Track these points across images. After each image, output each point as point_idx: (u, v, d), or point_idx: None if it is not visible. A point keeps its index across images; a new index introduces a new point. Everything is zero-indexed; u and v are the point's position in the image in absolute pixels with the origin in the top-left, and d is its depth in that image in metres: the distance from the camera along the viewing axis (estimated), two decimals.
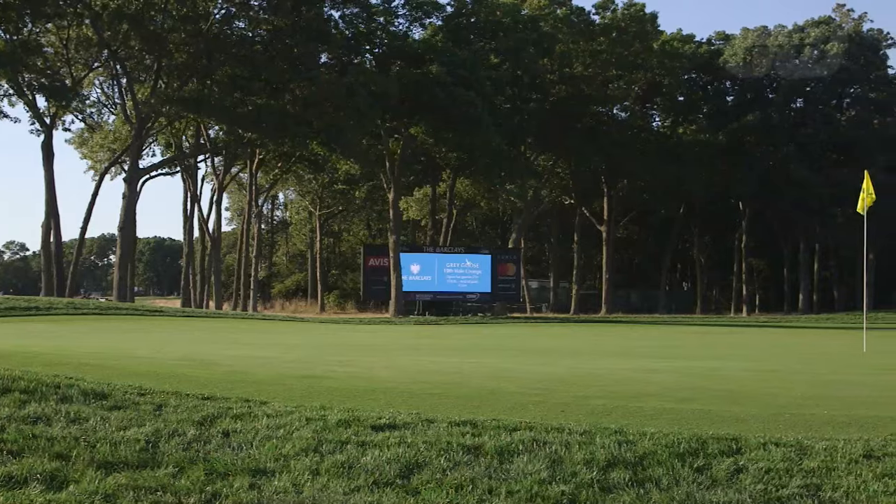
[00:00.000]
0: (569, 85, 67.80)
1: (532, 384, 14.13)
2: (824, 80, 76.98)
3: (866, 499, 6.77)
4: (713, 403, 11.98)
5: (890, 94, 79.03)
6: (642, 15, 68.93)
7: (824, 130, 74.78)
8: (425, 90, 54.58)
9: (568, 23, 67.58)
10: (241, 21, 58.12)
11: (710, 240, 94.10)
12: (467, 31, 62.68)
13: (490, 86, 58.94)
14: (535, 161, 73.76)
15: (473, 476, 6.98)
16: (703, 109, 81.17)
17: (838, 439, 8.40)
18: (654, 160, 70.07)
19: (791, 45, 78.37)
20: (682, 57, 74.72)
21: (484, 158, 60.45)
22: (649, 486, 6.91)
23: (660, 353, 27.06)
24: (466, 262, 61.84)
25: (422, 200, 79.06)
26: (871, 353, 27.43)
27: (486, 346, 30.05)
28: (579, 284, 78.69)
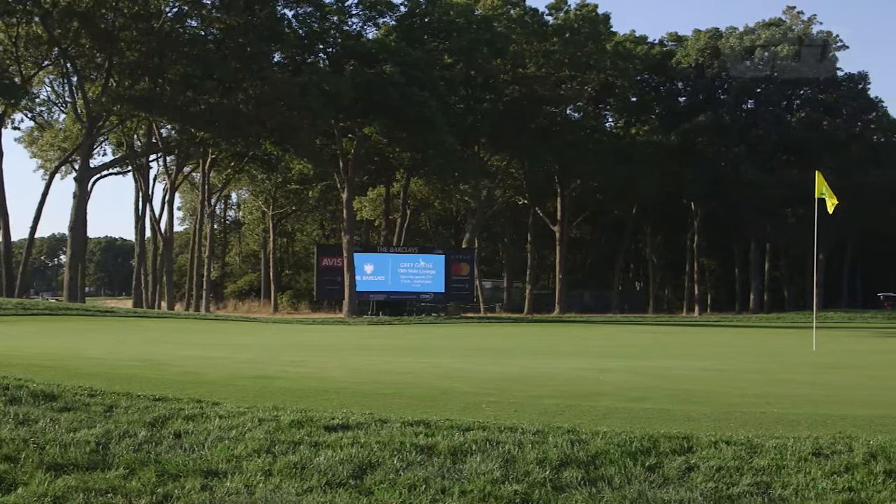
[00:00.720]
0: (522, 85, 67.92)
1: (485, 384, 14.15)
2: (774, 81, 77.68)
3: (815, 496, 6.83)
4: (665, 402, 12.06)
5: (839, 95, 79.89)
6: (595, 16, 69.16)
7: (775, 131, 75.44)
8: (379, 90, 54.48)
9: (521, 23, 67.67)
10: (193, 19, 57.71)
11: (662, 240, 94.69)
12: (421, 31, 62.62)
13: (443, 86, 58.91)
14: (488, 161, 73.83)
15: (427, 476, 6.97)
16: (655, 110, 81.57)
17: (788, 437, 8.47)
18: (607, 160, 70.33)
19: (742, 47, 79.02)
20: (635, 58, 75.09)
21: (437, 158, 60.44)
22: (601, 485, 6.93)
23: (613, 352, 27.20)
24: (420, 262, 61.84)
25: (375, 200, 78.94)
26: (821, 352, 27.73)
27: (439, 346, 30.05)
28: (533, 284, 78.86)
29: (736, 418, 10.47)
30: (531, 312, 72.53)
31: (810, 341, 30.79)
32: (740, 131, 77.09)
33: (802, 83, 79.40)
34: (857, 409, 11.72)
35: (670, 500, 6.68)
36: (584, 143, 72.06)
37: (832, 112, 78.20)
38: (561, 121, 73.82)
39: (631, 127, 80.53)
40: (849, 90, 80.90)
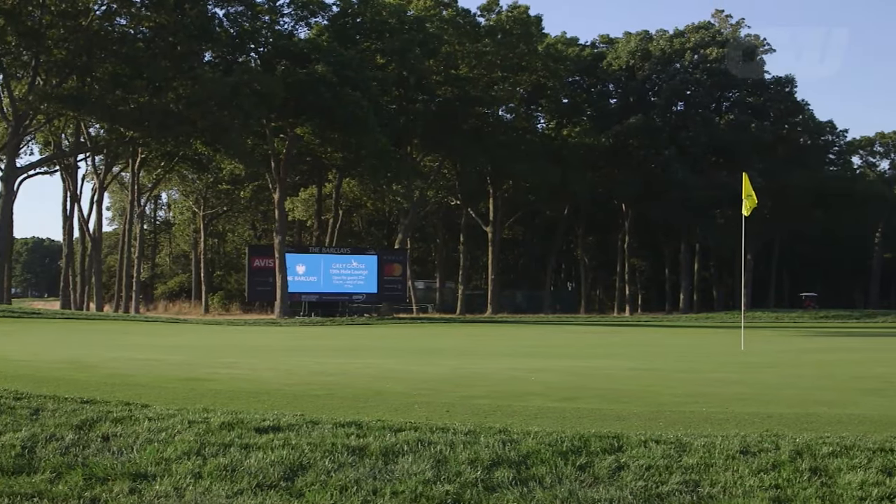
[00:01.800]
0: (454, 86, 67.98)
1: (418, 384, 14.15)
2: (703, 84, 78.56)
3: (742, 494, 6.91)
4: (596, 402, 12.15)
5: (766, 98, 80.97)
6: (526, 17, 69.39)
7: (704, 133, 76.27)
8: (311, 90, 54.25)
9: (453, 24, 67.75)
10: (122, 18, 56.95)
11: (594, 240, 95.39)
12: (353, 31, 62.44)
13: (376, 86, 58.81)
14: (421, 162, 73.84)
15: (358, 477, 6.96)
16: (586, 112, 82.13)
17: (716, 436, 8.58)
18: (539, 161, 70.62)
19: (672, 50, 79.85)
20: (566, 59, 75.51)
21: (370, 159, 60.28)
22: (533, 485, 6.96)
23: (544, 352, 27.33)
24: (352, 263, 61.70)
25: (308, 201, 78.63)
26: (749, 351, 28.11)
27: (372, 346, 30.02)
28: (465, 285, 79.00)
29: (665, 417, 10.58)
30: (463, 313, 72.65)
31: (738, 341, 31.21)
32: (670, 133, 77.85)
33: (731, 86, 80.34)
34: (784, 407, 11.89)
35: (601, 499, 6.73)
36: (516, 144, 72.27)
37: (760, 115, 79.21)
38: (493, 122, 73.99)
39: (563, 128, 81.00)
40: (776, 93, 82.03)
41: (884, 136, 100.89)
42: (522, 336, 41.28)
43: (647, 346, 33.53)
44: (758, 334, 43.03)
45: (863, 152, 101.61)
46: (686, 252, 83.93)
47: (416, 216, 74.15)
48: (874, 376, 18.31)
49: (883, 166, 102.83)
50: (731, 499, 6.83)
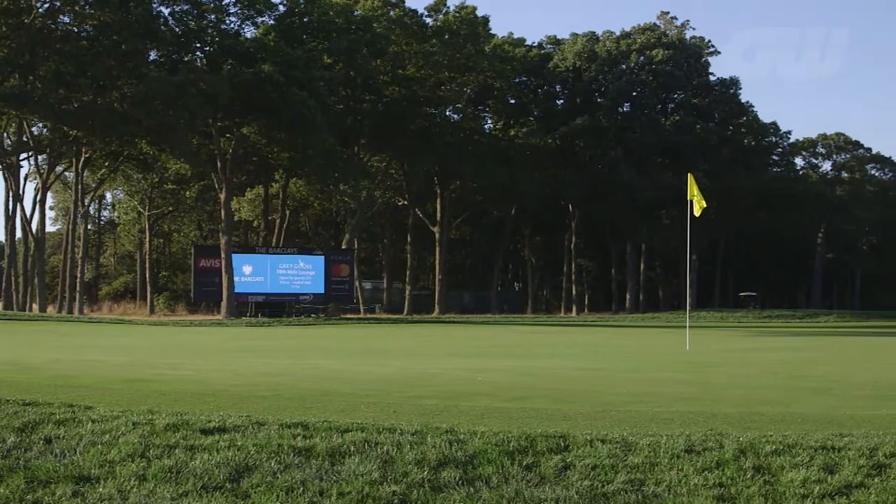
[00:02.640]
0: (402, 86, 67.88)
1: (364, 385, 14.15)
2: (649, 85, 79.07)
3: (687, 492, 6.97)
4: (542, 402, 12.20)
5: (711, 100, 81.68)
6: (474, 18, 69.48)
7: (650, 135, 76.73)
8: (257, 90, 53.94)
9: (400, 24, 67.69)
10: (66, 15, 56.36)
11: (541, 241, 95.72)
12: (300, 30, 62.16)
13: (323, 86, 58.59)
14: (368, 162, 73.69)
15: (304, 478, 6.94)
16: (534, 112, 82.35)
17: (661, 435, 8.63)
18: (486, 162, 70.71)
19: (618, 51, 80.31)
20: (514, 60, 75.72)
21: (317, 159, 60.05)
22: (479, 485, 6.98)
23: (491, 352, 27.41)
24: (299, 263, 61.48)
25: (254, 201, 78.24)
26: (694, 351, 28.37)
27: (318, 347, 29.95)
28: (412, 285, 78.99)
29: (611, 417, 10.65)
30: (411, 313, 72.60)
31: (684, 340, 31.47)
32: (617, 134, 78.28)
33: (676, 87, 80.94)
34: (728, 406, 12.00)
35: (547, 499, 6.75)
36: (463, 144, 72.30)
37: (705, 116, 79.86)
38: (440, 122, 73.95)
39: (510, 129, 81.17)
40: (720, 95, 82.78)
41: (826, 138, 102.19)
42: (469, 336, 41.35)
43: (594, 345, 33.72)
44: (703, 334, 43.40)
45: (805, 153, 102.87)
46: (632, 252, 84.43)
47: (363, 216, 74.02)
48: (816, 375, 18.54)
49: (825, 167, 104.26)
50: (675, 497, 6.89)
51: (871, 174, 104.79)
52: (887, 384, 16.43)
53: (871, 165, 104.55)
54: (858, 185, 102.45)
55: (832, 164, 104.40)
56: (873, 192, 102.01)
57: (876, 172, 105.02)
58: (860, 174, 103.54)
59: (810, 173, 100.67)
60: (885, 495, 6.99)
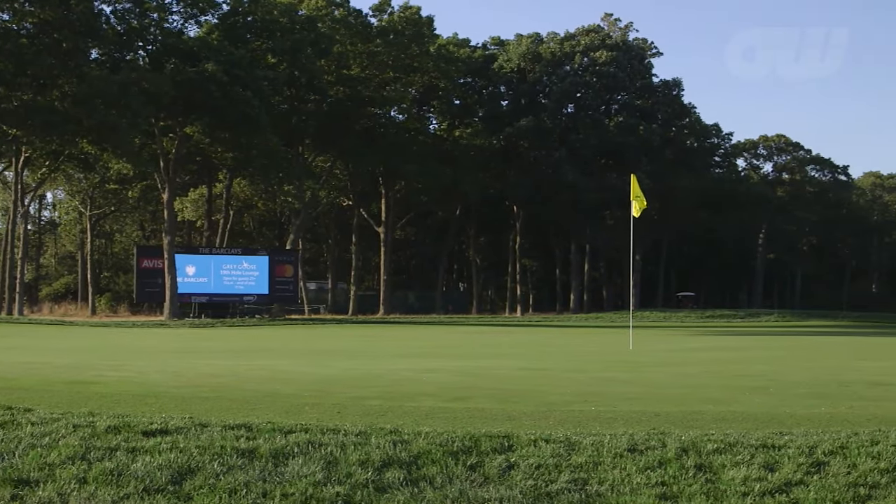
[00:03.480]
0: (346, 86, 67.77)
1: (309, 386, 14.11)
2: (593, 87, 79.48)
3: (630, 491, 7.01)
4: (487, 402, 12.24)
5: (654, 101, 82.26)
6: (418, 18, 69.53)
7: (593, 136, 77.09)
8: (201, 89, 53.59)
9: (345, 24, 67.56)
10: (5, 13, 55.60)
11: (485, 241, 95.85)
12: (244, 29, 61.84)
13: (267, 86, 58.37)
14: (312, 162, 73.47)
15: (247, 480, 6.90)
16: (478, 113, 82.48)
17: (605, 434, 8.68)
18: (431, 162, 70.76)
19: (562, 53, 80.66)
20: (458, 61, 75.80)
21: (261, 159, 59.81)
22: (423, 485, 6.98)
23: (436, 352, 27.43)
24: (243, 264, 61.17)
25: (197, 201, 77.64)
26: (637, 350, 28.57)
27: (262, 348, 29.82)
28: (357, 285, 78.82)
29: (555, 416, 10.69)
30: (356, 313, 72.46)
31: (627, 340, 31.67)
32: (561, 135, 78.58)
33: (620, 89, 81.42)
34: (671, 405, 12.10)
35: (491, 499, 6.77)
36: (408, 144, 72.28)
37: (648, 117, 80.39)
38: (385, 122, 73.92)
39: (454, 129, 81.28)
40: (663, 96, 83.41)
41: (767, 139, 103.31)
42: (414, 336, 41.36)
43: (538, 345, 33.85)
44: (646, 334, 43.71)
45: (747, 155, 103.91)
46: (576, 252, 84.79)
47: (307, 217, 73.73)
48: (757, 374, 18.75)
49: (766, 169, 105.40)
50: (618, 496, 6.93)
51: (811, 175, 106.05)
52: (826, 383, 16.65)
53: (810, 167, 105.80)
54: (799, 186, 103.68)
55: (773, 166, 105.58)
56: (813, 193, 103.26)
57: (815, 174, 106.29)
58: (800, 175, 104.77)
59: (752, 174, 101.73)
60: (823, 492, 7.08)
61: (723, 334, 48.61)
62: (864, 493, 7.11)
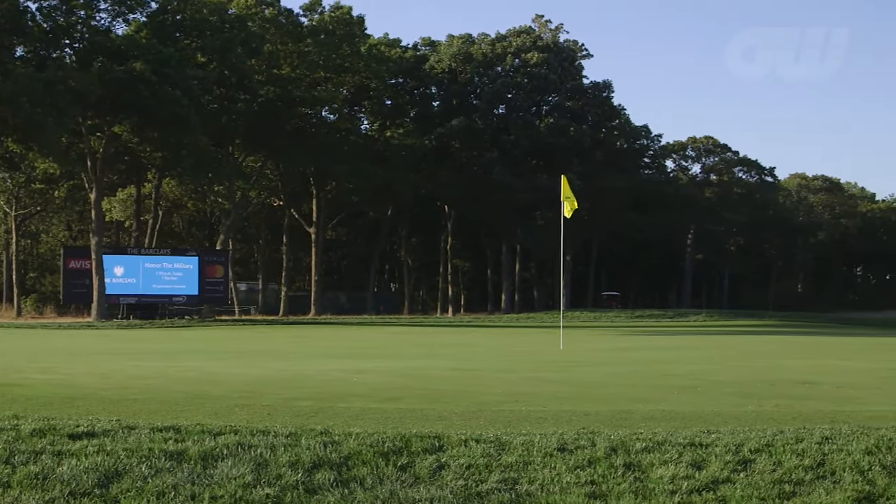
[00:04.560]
0: (277, 86, 67.36)
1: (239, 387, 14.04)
2: (524, 88, 79.78)
3: (560, 490, 7.06)
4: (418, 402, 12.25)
5: (584, 103, 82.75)
6: (349, 18, 69.37)
7: (525, 137, 77.33)
8: (129, 88, 52.98)
9: (275, 23, 67.21)
10: None
11: (417, 241, 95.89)
12: (173, 28, 61.23)
13: (197, 85, 57.86)
14: (243, 162, 72.99)
15: (176, 482, 6.84)
16: (410, 113, 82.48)
17: (535, 434, 8.74)
18: (363, 163, 70.57)
19: (494, 54, 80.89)
20: (389, 61, 75.74)
21: (190, 159, 59.30)
22: (354, 486, 6.97)
23: (367, 353, 27.40)
24: (172, 264, 60.61)
25: (126, 201, 76.76)
26: (568, 350, 28.74)
27: (192, 349, 29.57)
28: (288, 286, 78.42)
29: (486, 416, 10.74)
30: (286, 314, 72.09)
31: (558, 340, 31.84)
32: (492, 136, 78.76)
33: (550, 90, 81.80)
34: (601, 405, 12.20)
35: (421, 499, 6.78)
36: (339, 144, 72.02)
37: (578, 118, 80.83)
38: (316, 122, 73.58)
39: (386, 129, 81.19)
40: (594, 97, 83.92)
41: (695, 141, 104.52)
42: (345, 337, 41.29)
43: (469, 346, 33.93)
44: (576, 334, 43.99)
45: (676, 156, 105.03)
46: (508, 253, 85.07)
47: (238, 217, 73.24)
48: (685, 373, 18.97)
49: (695, 170, 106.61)
50: (548, 496, 6.97)
51: (739, 177, 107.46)
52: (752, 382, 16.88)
53: (738, 168, 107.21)
54: (726, 188, 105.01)
55: (701, 167, 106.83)
56: (740, 195, 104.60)
57: (743, 175, 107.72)
58: (728, 177, 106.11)
59: (680, 176, 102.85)
60: (749, 489, 7.18)
61: (652, 334, 49.10)
62: (790, 489, 7.22)
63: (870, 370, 20.90)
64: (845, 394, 14.77)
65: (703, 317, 73.54)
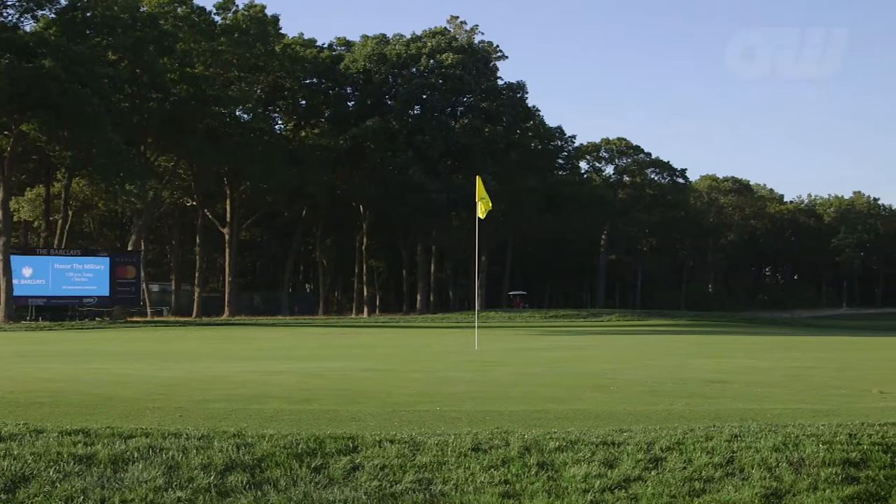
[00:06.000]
0: (190, 85, 66.63)
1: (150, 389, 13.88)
2: (439, 88, 79.89)
3: (474, 490, 7.08)
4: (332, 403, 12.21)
5: (499, 104, 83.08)
6: (263, 17, 68.91)
7: (440, 137, 77.43)
8: (38, 85, 52.03)
9: (188, 22, 66.50)
10: None
11: (332, 242, 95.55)
12: (83, 25, 60.26)
13: (108, 83, 57.02)
14: (155, 161, 72.10)
15: (85, 486, 6.75)
16: (325, 114, 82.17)
17: (449, 434, 8.75)
18: (277, 163, 70.19)
19: (409, 55, 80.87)
20: (304, 61, 75.39)
21: (101, 158, 58.42)
22: (267, 488, 6.93)
23: (281, 354, 27.26)
24: (83, 265, 59.67)
25: (35, 200, 75.44)
26: (482, 350, 28.87)
27: (103, 351, 29.13)
28: (202, 287, 77.64)
29: (400, 417, 10.73)
30: (200, 315, 71.39)
31: (473, 340, 31.96)
32: (407, 136, 78.80)
33: (465, 91, 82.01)
34: (515, 404, 12.26)
35: (335, 500, 6.76)
36: (253, 144, 71.53)
37: (493, 119, 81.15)
38: (230, 122, 72.96)
39: (301, 130, 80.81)
40: (508, 99, 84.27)
41: (608, 142, 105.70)
42: (260, 338, 41.01)
43: (384, 346, 33.90)
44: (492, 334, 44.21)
45: (590, 157, 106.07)
46: (423, 253, 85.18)
47: (150, 217, 72.37)
48: (598, 373, 19.15)
49: (608, 171, 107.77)
50: (462, 495, 6.99)
51: (651, 178, 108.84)
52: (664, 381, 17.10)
53: (650, 170, 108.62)
54: (639, 189, 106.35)
55: (615, 168, 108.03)
56: (652, 196, 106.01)
57: (655, 176, 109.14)
58: (641, 178, 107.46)
59: (594, 177, 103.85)
60: (660, 487, 7.27)
61: (566, 333, 49.49)
62: (700, 487, 7.32)
63: (778, 368, 21.29)
64: (754, 392, 15.02)
65: (616, 316, 74.27)
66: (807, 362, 23.91)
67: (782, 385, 16.47)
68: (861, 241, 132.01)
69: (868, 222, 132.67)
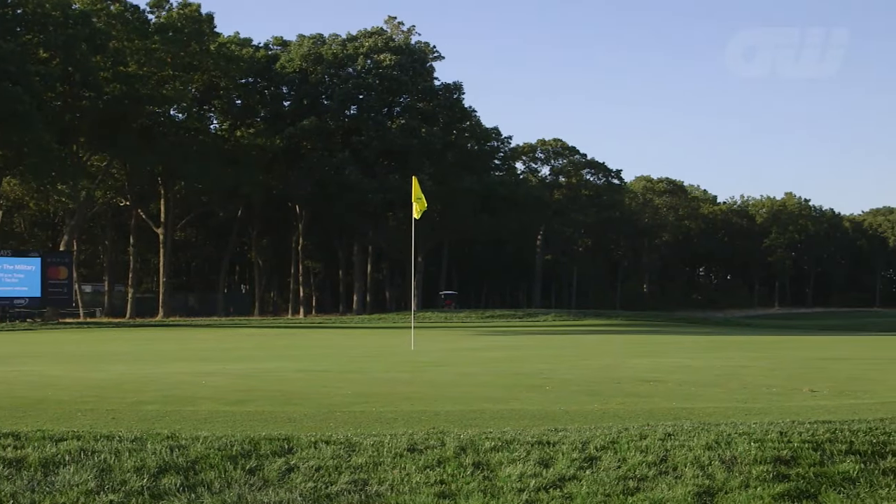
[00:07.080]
0: (123, 84, 65.89)
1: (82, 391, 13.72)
2: (376, 89, 79.78)
3: (409, 490, 7.09)
4: (267, 405, 12.16)
5: (436, 104, 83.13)
6: (198, 16, 68.35)
7: (376, 137, 77.33)
8: None
9: (122, 20, 65.75)
10: None
11: (268, 242, 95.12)
12: (13, 22, 59.45)
13: (39, 81, 56.32)
14: (88, 161, 71.22)
15: (14, 490, 6.66)
16: (260, 113, 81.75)
17: (385, 435, 8.75)
18: (212, 163, 69.69)
19: (345, 54, 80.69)
20: (240, 60, 74.86)
21: (32, 157, 57.68)
22: (201, 490, 6.89)
23: (216, 356, 27.09)
24: (14, 266, 58.77)
25: None
26: (419, 350, 28.89)
27: (34, 353, 28.77)
28: (136, 288, 76.87)
29: (336, 418, 10.70)
30: (133, 316, 70.71)
31: (409, 340, 31.96)
32: (344, 136, 78.66)
33: (402, 91, 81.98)
34: (451, 405, 12.28)
35: (270, 502, 6.74)
36: (188, 144, 71.03)
37: (429, 120, 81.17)
38: (164, 121, 72.36)
39: (236, 129, 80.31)
40: (445, 99, 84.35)
41: (544, 143, 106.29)
42: (194, 339, 40.74)
43: (320, 347, 33.83)
44: (428, 334, 44.22)
45: (526, 158, 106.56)
46: (360, 253, 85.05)
47: (83, 217, 71.50)
48: (534, 372, 19.22)
49: (544, 172, 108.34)
50: (398, 496, 6.99)
51: (587, 179, 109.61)
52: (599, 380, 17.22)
53: (586, 170, 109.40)
54: (575, 189, 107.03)
55: (550, 169, 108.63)
56: (588, 196, 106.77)
57: (591, 177, 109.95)
58: (576, 179, 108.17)
59: (530, 177, 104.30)
60: (595, 486, 7.32)
61: (502, 334, 49.67)
62: (634, 485, 7.39)
63: (711, 367, 21.51)
64: (688, 391, 15.16)
65: (552, 316, 74.68)
66: (739, 361, 24.19)
67: (715, 384, 16.65)
68: (792, 242, 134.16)
69: (799, 223, 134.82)
